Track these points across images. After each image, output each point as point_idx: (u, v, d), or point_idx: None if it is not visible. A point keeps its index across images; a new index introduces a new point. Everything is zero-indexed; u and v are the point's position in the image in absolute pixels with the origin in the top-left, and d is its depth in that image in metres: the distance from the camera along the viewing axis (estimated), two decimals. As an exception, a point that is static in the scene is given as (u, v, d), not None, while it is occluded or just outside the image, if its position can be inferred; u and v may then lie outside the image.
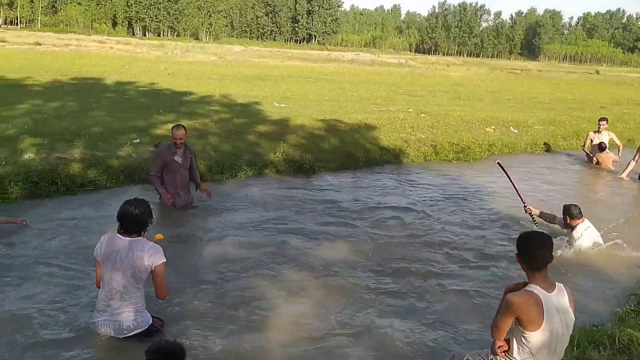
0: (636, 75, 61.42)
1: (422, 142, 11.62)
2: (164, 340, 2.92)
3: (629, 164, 10.01)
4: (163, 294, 3.90)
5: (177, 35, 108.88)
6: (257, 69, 33.50)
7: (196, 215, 6.85)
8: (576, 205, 6.30)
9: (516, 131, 13.87)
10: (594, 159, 11.19)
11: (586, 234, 6.08)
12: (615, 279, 5.50)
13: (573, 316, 3.16)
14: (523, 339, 3.08)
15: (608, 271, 5.69)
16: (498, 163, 7.13)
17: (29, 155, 7.94)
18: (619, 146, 11.41)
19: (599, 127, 11.46)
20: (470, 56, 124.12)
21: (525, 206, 6.80)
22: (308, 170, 9.39)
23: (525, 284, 3.16)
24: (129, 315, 3.80)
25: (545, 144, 12.99)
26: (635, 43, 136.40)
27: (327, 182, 8.88)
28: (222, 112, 13.56)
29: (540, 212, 6.85)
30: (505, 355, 3.20)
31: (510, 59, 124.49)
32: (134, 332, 3.81)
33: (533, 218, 6.78)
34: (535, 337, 3.04)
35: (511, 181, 6.89)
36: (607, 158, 11.08)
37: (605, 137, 11.38)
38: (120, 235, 3.83)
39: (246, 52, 61.84)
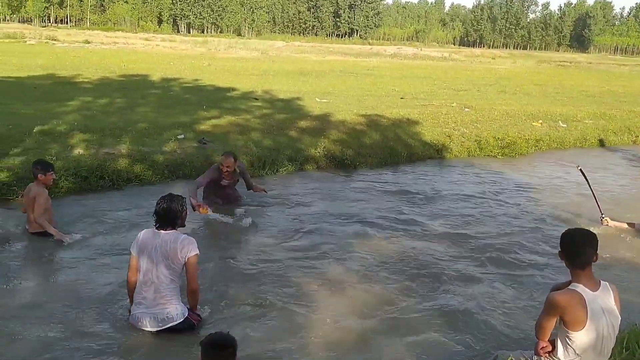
0: (694, 66, 58.65)
1: (466, 137, 11.42)
2: (218, 333, 3.02)
3: None
4: (195, 285, 3.96)
5: (220, 32, 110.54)
6: (298, 64, 33.60)
7: (240, 212, 6.91)
8: None
9: (565, 125, 13.45)
10: None
11: None
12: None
13: (619, 316, 3.06)
14: (567, 339, 3.00)
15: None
16: (580, 169, 6.82)
17: (78, 151, 8.20)
18: None
19: None
20: (517, 49, 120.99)
21: (602, 217, 6.43)
22: (349, 166, 9.37)
23: (570, 283, 3.07)
24: (165, 308, 3.86)
25: (600, 140, 12.58)
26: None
27: (368, 178, 8.83)
28: (264, 107, 13.66)
29: (616, 225, 6.45)
30: (549, 356, 3.12)
31: (558, 51, 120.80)
32: (169, 325, 3.87)
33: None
34: (580, 337, 2.96)
35: (591, 188, 6.58)
36: None
37: None
38: (155, 230, 3.92)
39: (288, 47, 62.08)
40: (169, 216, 3.90)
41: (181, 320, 3.91)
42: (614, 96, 21.61)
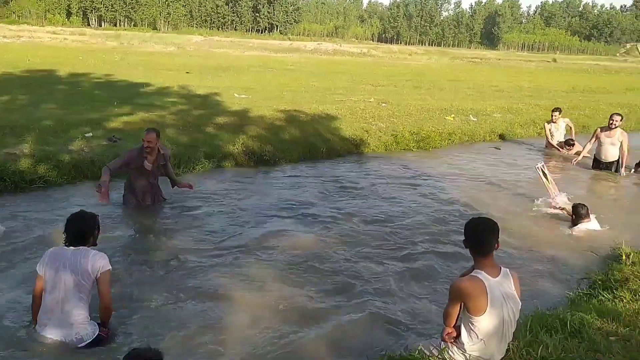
0: (592, 62, 63.20)
1: (383, 131, 11.64)
2: (142, 348, 2.88)
3: (584, 147, 10.18)
4: (107, 302, 3.74)
5: (134, 25, 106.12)
6: (217, 59, 33.03)
7: (155, 211, 6.65)
8: (584, 205, 6.65)
9: (475, 119, 14.03)
10: (564, 150, 11.34)
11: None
12: (569, 263, 5.58)
13: (519, 301, 3.20)
14: (470, 325, 3.10)
15: (562, 256, 5.76)
16: (541, 168, 7.51)
17: (-27, 152, 7.57)
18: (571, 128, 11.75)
19: (552, 118, 11.58)
20: (431, 45, 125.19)
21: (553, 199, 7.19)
22: (268, 162, 9.28)
23: (473, 270, 3.18)
24: (74, 329, 3.62)
25: (500, 135, 13.17)
26: (592, 31, 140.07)
27: (287, 174, 8.78)
28: (181, 103, 13.25)
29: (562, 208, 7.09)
30: (455, 341, 3.21)
31: (470, 48, 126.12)
32: (78, 345, 3.64)
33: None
34: (482, 322, 3.07)
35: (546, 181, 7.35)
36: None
37: (562, 124, 11.58)
38: (64, 247, 3.69)
39: (206, 42, 60.88)
40: (79, 234, 3.71)
41: (91, 340, 3.68)
42: (521, 91, 22.85)
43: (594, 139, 9.91)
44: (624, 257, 5.38)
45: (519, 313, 3.23)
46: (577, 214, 6.63)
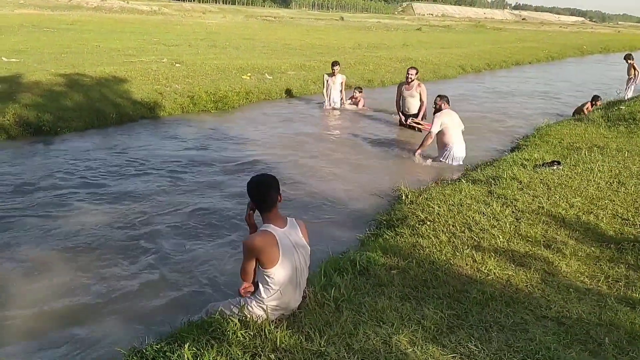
0: (374, 20, 68.28)
1: (179, 93, 11.21)
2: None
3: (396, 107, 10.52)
4: None
5: None
6: (-22, 17, 28.41)
7: None
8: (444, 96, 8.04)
9: (271, 77, 14.26)
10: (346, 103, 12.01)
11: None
12: (359, 208, 6.04)
13: (308, 247, 3.36)
14: (266, 278, 3.19)
15: (352, 202, 6.21)
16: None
17: None
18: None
19: (333, 71, 11.78)
20: (226, 3, 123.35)
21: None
22: (48, 132, 8.34)
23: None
24: None
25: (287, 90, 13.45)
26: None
27: (71, 144, 7.98)
28: None
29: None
30: (254, 297, 3.27)
31: (264, 6, 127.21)
32: None
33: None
34: (276, 272, 3.17)
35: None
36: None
37: (338, 78, 11.82)
38: None
39: (-37, -3, 51.84)
40: None
41: None
42: (313, 48, 23.75)
43: (399, 96, 10.26)
44: (403, 197, 5.99)
45: (309, 259, 3.38)
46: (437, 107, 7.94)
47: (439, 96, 8.06)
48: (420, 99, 10.08)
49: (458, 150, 7.84)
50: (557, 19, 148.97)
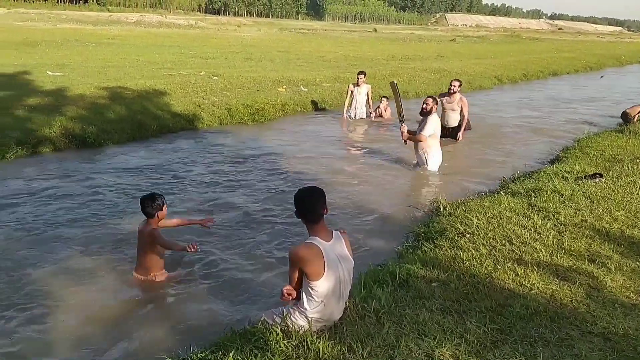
0: (407, 32, 68.27)
1: (216, 105, 11.41)
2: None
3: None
4: None
5: None
6: (24, 33, 29.53)
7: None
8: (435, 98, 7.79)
9: (306, 89, 14.39)
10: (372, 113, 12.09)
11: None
12: (396, 220, 6.03)
13: (352, 260, 3.38)
14: (310, 290, 3.22)
15: (390, 214, 6.21)
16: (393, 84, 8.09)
17: None
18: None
19: (358, 81, 11.95)
20: (260, 16, 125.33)
21: (402, 121, 7.86)
22: (92, 144, 8.60)
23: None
24: None
25: (321, 102, 13.53)
26: (406, 2, 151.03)
27: (114, 156, 8.20)
28: (-20, 84, 11.66)
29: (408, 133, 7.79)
30: (296, 307, 3.31)
31: (298, 19, 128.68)
32: None
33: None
34: (321, 285, 3.20)
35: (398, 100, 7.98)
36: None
37: (364, 88, 11.96)
38: None
39: (10, 15, 54.11)
40: None
41: None
42: (346, 60, 23.89)
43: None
44: (441, 209, 5.96)
45: (352, 272, 3.40)
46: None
47: (431, 98, 7.79)
48: (462, 113, 9.81)
49: (440, 157, 7.80)
50: (594, 28, 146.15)
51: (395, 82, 8.20)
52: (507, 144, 10.17)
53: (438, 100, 7.91)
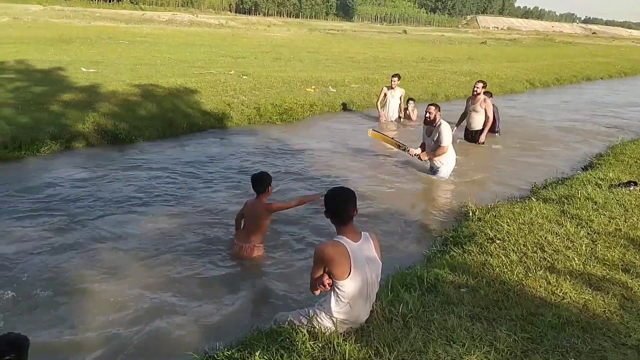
0: (438, 34, 67.65)
1: (246, 105, 11.48)
2: (10, 333, 2.58)
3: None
4: None
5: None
6: (59, 30, 30.22)
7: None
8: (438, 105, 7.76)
9: (334, 90, 14.37)
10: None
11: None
12: (424, 223, 5.98)
13: (380, 262, 3.34)
14: (337, 289, 3.20)
15: (418, 217, 6.16)
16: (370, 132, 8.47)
17: None
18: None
19: (392, 84, 11.92)
20: (290, 17, 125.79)
21: (406, 149, 8.00)
22: (124, 140, 8.73)
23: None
24: None
25: (350, 102, 13.49)
26: (437, 3, 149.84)
27: (145, 153, 8.32)
28: (18, 80, 11.93)
29: (416, 152, 7.88)
30: (323, 308, 3.29)
31: (327, 19, 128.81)
32: None
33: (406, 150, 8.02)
34: (347, 285, 3.17)
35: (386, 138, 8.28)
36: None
37: (398, 92, 11.90)
38: None
39: (46, 12, 55.39)
40: None
41: None
42: (376, 61, 23.78)
43: (465, 110, 9.97)
44: (470, 214, 5.88)
45: (380, 274, 3.37)
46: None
47: (433, 105, 7.64)
48: (486, 114, 9.72)
49: (453, 163, 7.75)
50: (629, 33, 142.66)
51: (371, 128, 8.81)
52: (543, 147, 10.05)
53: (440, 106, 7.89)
